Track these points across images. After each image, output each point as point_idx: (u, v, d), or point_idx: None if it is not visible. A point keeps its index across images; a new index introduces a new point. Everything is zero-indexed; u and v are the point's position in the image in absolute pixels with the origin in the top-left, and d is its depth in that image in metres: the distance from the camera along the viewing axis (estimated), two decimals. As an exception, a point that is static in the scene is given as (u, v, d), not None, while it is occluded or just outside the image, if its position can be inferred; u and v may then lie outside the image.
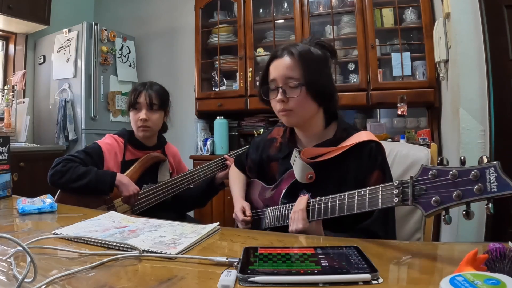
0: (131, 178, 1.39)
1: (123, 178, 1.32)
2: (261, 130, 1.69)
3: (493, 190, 0.52)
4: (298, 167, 0.95)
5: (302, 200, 0.86)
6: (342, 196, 0.78)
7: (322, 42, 1.02)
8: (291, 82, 0.93)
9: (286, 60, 0.95)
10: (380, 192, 0.69)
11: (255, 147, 1.20)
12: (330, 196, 0.81)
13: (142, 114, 1.40)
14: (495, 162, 0.52)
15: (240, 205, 1.11)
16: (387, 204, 0.67)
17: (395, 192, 0.65)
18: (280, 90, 0.94)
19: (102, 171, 1.34)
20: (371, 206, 0.71)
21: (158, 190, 1.42)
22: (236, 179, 1.26)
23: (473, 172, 0.54)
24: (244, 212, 1.08)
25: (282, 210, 0.97)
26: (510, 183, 0.50)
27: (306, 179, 0.94)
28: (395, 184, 0.66)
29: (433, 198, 0.58)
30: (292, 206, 0.93)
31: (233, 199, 1.19)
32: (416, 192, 0.61)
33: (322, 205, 0.82)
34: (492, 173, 0.52)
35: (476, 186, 0.53)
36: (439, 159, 0.60)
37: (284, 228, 0.94)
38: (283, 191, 1.00)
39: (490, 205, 0.53)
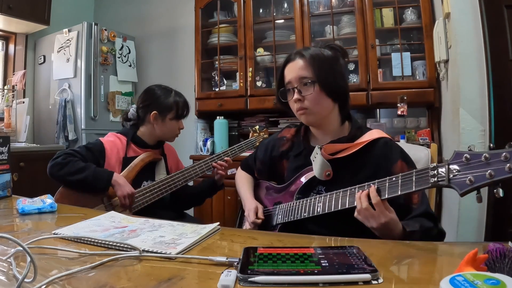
0: (128, 175, 1.40)
1: (119, 179, 1.34)
2: (257, 127, 1.69)
3: None
4: (318, 163, 0.96)
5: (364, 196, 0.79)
6: (372, 184, 0.80)
7: (332, 44, 1.07)
8: (305, 80, 0.98)
9: (298, 62, 1.00)
10: (414, 176, 0.73)
11: (263, 149, 1.21)
12: (357, 186, 0.83)
13: (182, 124, 1.55)
14: None
15: (253, 204, 1.11)
16: (423, 185, 0.71)
17: (430, 174, 0.69)
18: (296, 90, 0.99)
19: (100, 168, 1.35)
20: (404, 190, 0.74)
21: (156, 188, 1.43)
22: (244, 181, 1.26)
23: (504, 154, 0.60)
24: (256, 213, 1.08)
25: (297, 204, 0.98)
26: None
27: (324, 176, 0.95)
28: (430, 167, 0.70)
29: (468, 178, 0.63)
30: (306, 200, 0.94)
31: (243, 199, 1.19)
32: (451, 174, 0.66)
33: (348, 194, 0.84)
34: None
35: (507, 165, 0.59)
36: (469, 147, 0.66)
37: (296, 223, 0.96)
38: (300, 186, 1.01)
39: None
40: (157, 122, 1.49)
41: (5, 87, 3.12)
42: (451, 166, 0.66)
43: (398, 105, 2.27)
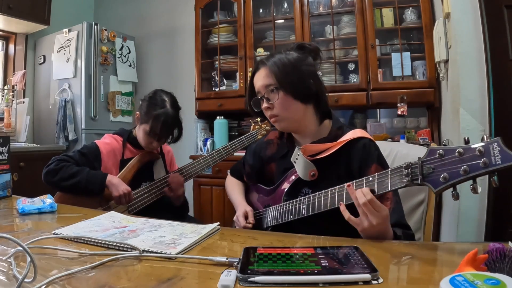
0: (126, 176, 1.40)
1: (113, 179, 1.33)
2: (258, 119, 1.67)
3: (497, 162, 0.56)
4: (300, 164, 0.96)
5: (365, 191, 0.74)
6: (351, 184, 0.79)
7: (303, 44, 1.05)
8: (270, 88, 0.98)
9: (262, 71, 1.00)
10: (389, 175, 0.71)
11: (251, 153, 1.21)
12: (337, 187, 0.82)
13: (157, 145, 1.46)
14: (497, 137, 0.56)
15: (243, 209, 1.11)
16: (397, 185, 0.69)
17: (404, 173, 0.67)
18: (264, 99, 1.00)
19: (94, 171, 1.34)
20: (381, 190, 0.72)
21: (154, 188, 1.43)
22: (235, 186, 1.27)
23: (478, 148, 0.57)
24: (246, 217, 1.08)
25: (285, 207, 0.98)
26: None
27: (309, 176, 0.95)
28: (403, 166, 0.68)
29: (442, 175, 0.61)
30: (293, 202, 0.94)
31: (234, 204, 1.19)
32: (425, 172, 0.64)
33: (329, 196, 0.84)
34: (496, 147, 0.56)
35: (482, 160, 0.57)
36: (443, 141, 0.62)
37: (286, 225, 0.95)
38: (286, 189, 1.01)
39: (495, 178, 0.57)
40: (137, 123, 1.47)
41: (5, 87, 3.12)
42: (424, 164, 0.64)
43: (398, 105, 2.27)
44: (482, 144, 0.57)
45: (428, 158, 0.64)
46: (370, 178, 0.75)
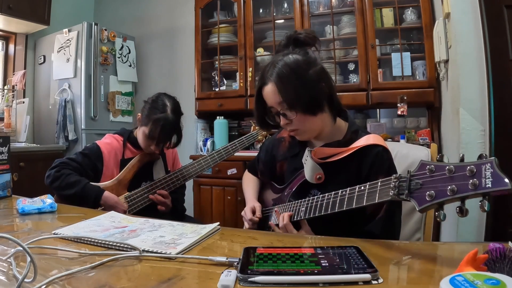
0: (126, 176, 1.40)
1: (108, 200, 1.31)
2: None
3: (487, 185, 0.50)
4: (308, 166, 0.96)
5: (285, 216, 0.93)
6: (344, 192, 0.78)
7: (296, 38, 0.99)
8: (284, 105, 0.93)
9: (269, 86, 0.95)
10: (378, 186, 0.70)
11: (264, 150, 1.22)
12: (333, 193, 0.82)
13: (155, 148, 1.43)
14: (492, 158, 0.51)
15: (251, 204, 1.11)
16: (383, 198, 0.67)
17: (391, 186, 0.65)
18: (281, 116, 0.96)
19: (91, 185, 1.33)
20: (369, 201, 0.71)
21: (154, 188, 1.43)
22: (249, 182, 1.27)
23: (469, 168, 0.52)
24: (253, 212, 1.08)
25: (288, 208, 0.99)
26: (506, 179, 0.49)
27: (315, 179, 0.95)
28: (392, 178, 0.66)
29: (428, 193, 0.57)
30: (295, 203, 0.95)
31: (245, 200, 1.20)
32: (412, 186, 0.61)
33: (326, 200, 0.83)
34: (488, 169, 0.51)
35: (471, 181, 0.52)
36: (438, 155, 0.60)
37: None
38: (293, 190, 1.01)
39: (485, 201, 0.52)
40: (138, 124, 1.46)
41: (5, 87, 3.12)
42: (413, 178, 0.61)
43: (398, 105, 2.27)
44: (475, 163, 0.52)
45: (418, 172, 0.60)
46: (362, 188, 0.74)
